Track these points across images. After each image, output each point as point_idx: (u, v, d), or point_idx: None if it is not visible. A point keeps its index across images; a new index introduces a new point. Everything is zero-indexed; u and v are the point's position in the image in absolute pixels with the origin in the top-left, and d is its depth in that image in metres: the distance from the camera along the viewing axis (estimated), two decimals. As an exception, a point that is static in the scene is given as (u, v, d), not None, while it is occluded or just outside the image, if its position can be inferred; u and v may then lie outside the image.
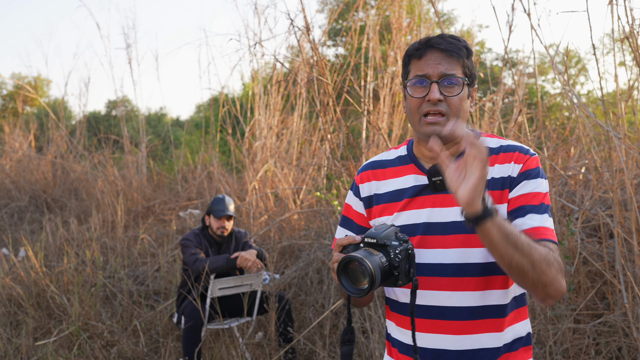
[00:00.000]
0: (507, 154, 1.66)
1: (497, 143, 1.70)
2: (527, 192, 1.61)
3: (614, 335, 3.74)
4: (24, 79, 21.16)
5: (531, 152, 1.66)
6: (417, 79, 1.65)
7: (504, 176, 1.64)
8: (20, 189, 10.85)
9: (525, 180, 1.62)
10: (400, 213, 1.71)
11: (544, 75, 13.50)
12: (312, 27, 5.01)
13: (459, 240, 1.62)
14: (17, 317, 5.35)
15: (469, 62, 1.66)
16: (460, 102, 1.64)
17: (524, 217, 1.59)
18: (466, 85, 1.65)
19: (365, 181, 1.81)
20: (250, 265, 4.36)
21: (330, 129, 5.23)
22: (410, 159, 1.76)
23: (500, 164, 1.65)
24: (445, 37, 1.65)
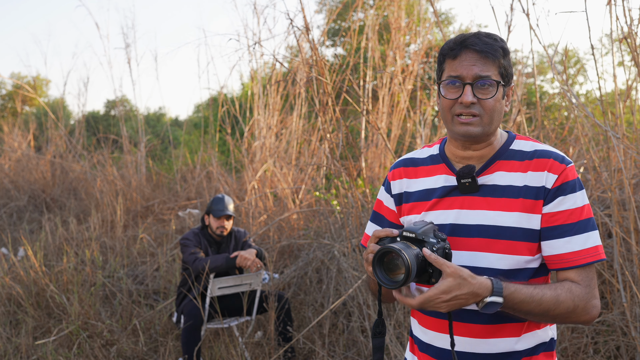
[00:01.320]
0: (541, 161, 1.62)
1: (532, 147, 1.66)
2: (565, 209, 1.58)
3: (612, 334, 3.75)
4: (23, 79, 21.15)
5: (567, 161, 1.62)
6: (450, 79, 1.62)
7: (538, 186, 1.60)
8: (19, 188, 10.85)
9: (562, 196, 1.58)
10: (427, 212, 1.70)
11: (543, 75, 13.51)
12: (311, 27, 5.03)
13: (482, 244, 1.61)
14: (17, 317, 5.35)
15: (505, 62, 1.62)
16: (495, 103, 1.60)
17: (560, 239, 1.58)
18: (501, 86, 1.61)
19: (397, 178, 1.81)
20: (250, 264, 4.37)
21: (330, 129, 5.24)
22: (441, 158, 1.75)
23: (533, 171, 1.61)
24: (481, 36, 1.61)
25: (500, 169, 1.65)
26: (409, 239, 1.54)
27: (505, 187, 1.62)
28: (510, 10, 4.51)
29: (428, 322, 1.71)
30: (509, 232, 1.59)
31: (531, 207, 1.59)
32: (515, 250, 1.59)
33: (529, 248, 1.59)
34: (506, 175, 1.64)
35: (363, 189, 5.30)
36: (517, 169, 1.63)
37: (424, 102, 7.18)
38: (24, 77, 21.92)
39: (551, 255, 1.59)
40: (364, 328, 4.47)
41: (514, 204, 1.60)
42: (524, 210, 1.59)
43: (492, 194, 1.63)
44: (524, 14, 3.98)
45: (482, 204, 1.63)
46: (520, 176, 1.62)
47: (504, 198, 1.61)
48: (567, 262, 1.57)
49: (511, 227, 1.59)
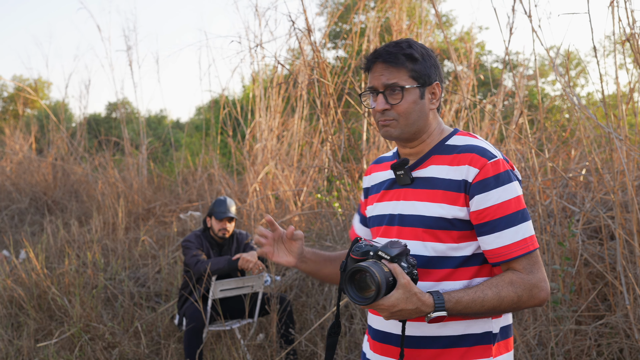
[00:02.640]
0: (465, 155, 1.71)
1: (464, 142, 1.76)
2: (491, 204, 1.66)
3: (615, 336, 3.74)
4: (24, 81, 21.17)
5: (490, 155, 1.69)
6: (367, 90, 1.79)
7: (459, 179, 1.69)
8: (20, 191, 10.85)
9: (487, 192, 1.66)
10: (377, 204, 1.88)
11: (544, 77, 13.51)
12: (313, 29, 5.03)
13: (411, 233, 1.73)
14: (19, 319, 5.35)
15: (416, 65, 1.72)
16: (408, 105, 1.72)
17: (490, 234, 1.67)
18: (416, 88, 1.72)
19: (368, 174, 1.99)
20: (252, 266, 4.36)
21: (331, 131, 5.24)
22: (394, 156, 1.91)
23: (457, 165, 1.71)
24: (389, 47, 1.74)
25: (432, 163, 1.76)
26: (383, 259, 1.61)
27: (434, 179, 1.74)
28: (512, 12, 4.51)
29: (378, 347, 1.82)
30: (430, 221, 1.70)
31: (454, 199, 1.69)
32: (438, 238, 1.70)
33: (451, 237, 1.69)
34: (436, 168, 1.74)
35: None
36: (446, 162, 1.74)
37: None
38: (25, 79, 21.94)
39: (486, 250, 1.69)
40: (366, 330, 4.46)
41: (438, 195, 1.71)
42: (446, 202, 1.69)
43: (422, 186, 1.75)
44: (526, 16, 3.98)
45: (414, 196, 1.75)
46: (447, 169, 1.73)
47: (431, 190, 1.73)
48: (500, 257, 1.67)
49: (433, 216, 1.70)
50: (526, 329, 3.90)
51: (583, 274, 4.05)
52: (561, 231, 4.09)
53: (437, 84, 1.77)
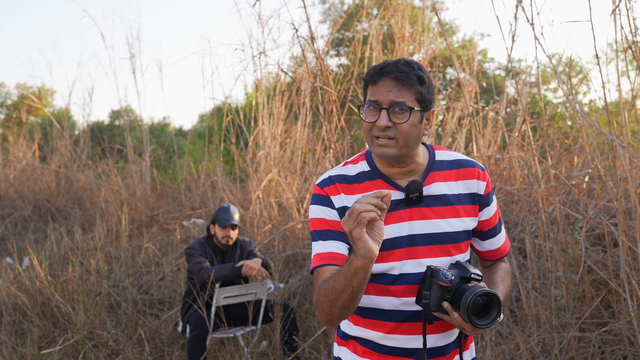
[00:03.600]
0: (469, 170, 1.84)
1: (451, 156, 1.86)
2: (495, 211, 1.90)
3: (619, 343, 3.74)
4: (28, 89, 21.25)
5: (484, 167, 1.88)
6: (369, 103, 1.73)
7: (471, 192, 1.84)
8: (24, 198, 10.87)
9: (492, 201, 1.88)
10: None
11: (547, 85, 13.52)
12: (316, 36, 5.05)
13: (438, 250, 1.78)
14: (22, 326, 5.36)
15: (422, 89, 1.71)
16: (410, 127, 1.71)
17: (496, 237, 1.93)
18: (417, 111, 1.71)
19: (336, 193, 1.80)
20: (255, 273, 4.37)
21: (334, 138, 5.26)
22: (376, 174, 1.81)
23: (464, 180, 1.84)
24: (400, 64, 1.71)
25: (435, 180, 1.81)
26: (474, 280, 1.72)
27: (446, 196, 1.81)
28: (514, 19, 4.53)
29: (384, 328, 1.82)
30: (456, 235, 1.80)
31: (470, 211, 1.83)
32: (460, 250, 1.82)
33: (467, 246, 1.86)
34: (442, 185, 1.81)
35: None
36: (448, 178, 1.82)
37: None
38: (29, 87, 22.04)
39: (490, 250, 1.94)
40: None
41: (457, 211, 1.81)
42: (466, 215, 1.82)
43: (435, 204, 1.79)
44: (529, 24, 4.00)
45: (429, 214, 1.78)
46: (455, 185, 1.82)
47: (447, 206, 1.80)
48: (502, 253, 1.97)
49: (457, 231, 1.80)
50: (530, 336, 3.90)
51: (586, 281, 4.05)
52: (564, 238, 4.09)
53: (433, 111, 1.78)
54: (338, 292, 1.63)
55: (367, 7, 7.38)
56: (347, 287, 1.61)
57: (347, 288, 1.61)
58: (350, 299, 1.63)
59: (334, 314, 1.68)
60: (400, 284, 1.76)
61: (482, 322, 1.64)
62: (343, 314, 1.68)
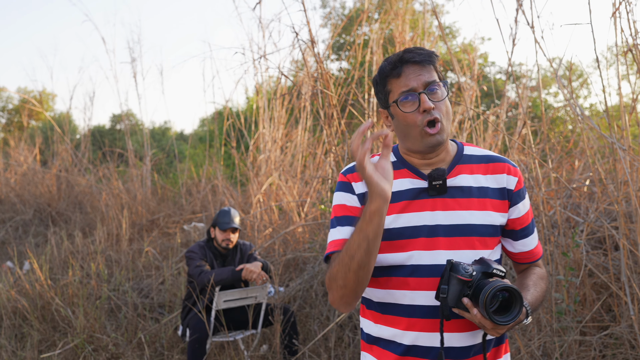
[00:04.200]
0: (499, 164, 1.79)
1: (482, 152, 1.82)
2: (527, 210, 1.81)
3: (620, 347, 3.73)
4: (29, 93, 21.27)
5: (516, 165, 1.83)
6: (404, 95, 1.69)
7: (500, 187, 1.77)
8: (25, 202, 10.88)
9: (524, 199, 1.80)
10: (399, 215, 1.71)
11: (547, 89, 13.53)
12: (316, 40, 5.05)
13: (459, 242, 1.70)
14: (22, 330, 5.35)
15: (438, 67, 1.75)
16: (446, 103, 1.71)
17: (528, 237, 1.84)
18: (445, 87, 1.72)
19: (358, 180, 1.78)
20: (255, 277, 4.36)
21: (335, 142, 5.25)
22: (402, 164, 1.79)
23: (493, 174, 1.78)
24: (414, 50, 1.71)
25: (462, 172, 1.76)
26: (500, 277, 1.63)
27: (471, 188, 1.75)
28: (514, 23, 4.53)
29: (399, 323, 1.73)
30: (482, 229, 1.72)
31: (499, 206, 1.76)
32: (486, 245, 1.73)
33: (494, 243, 1.76)
34: (469, 177, 1.76)
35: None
36: (476, 171, 1.77)
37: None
38: (30, 91, 22.06)
39: (523, 252, 1.85)
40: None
41: (484, 204, 1.74)
42: (492, 209, 1.75)
43: (461, 195, 1.73)
44: (529, 27, 3.99)
45: (454, 205, 1.72)
46: (483, 178, 1.77)
47: (473, 198, 1.74)
48: (535, 256, 1.88)
49: (484, 224, 1.73)
50: (530, 339, 3.89)
51: (587, 284, 4.04)
52: (565, 242, 4.08)
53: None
54: (353, 251, 1.55)
55: (368, 11, 7.39)
56: (362, 241, 1.53)
57: (363, 242, 1.53)
58: (366, 254, 1.54)
59: (349, 281, 1.59)
60: (419, 276, 1.69)
61: (502, 318, 1.54)
62: (359, 279, 1.58)
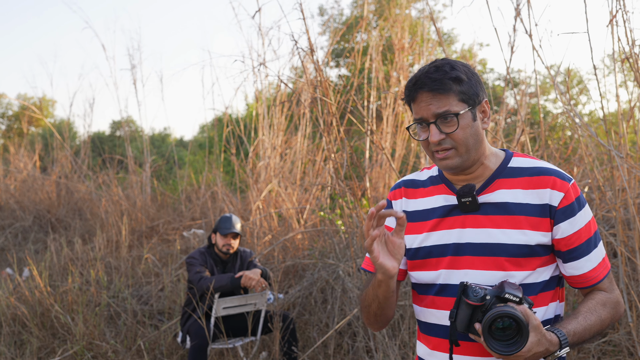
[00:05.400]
0: (544, 178, 1.63)
1: (531, 164, 1.67)
2: (578, 229, 1.62)
3: (618, 354, 3.73)
4: (29, 100, 21.31)
5: (569, 178, 1.63)
6: (416, 122, 1.68)
7: (542, 203, 1.61)
8: (24, 209, 10.88)
9: (573, 217, 1.61)
10: (430, 233, 1.72)
11: (546, 95, 13.56)
12: (315, 48, 5.07)
13: (487, 263, 1.63)
14: (22, 337, 5.35)
15: (463, 87, 1.62)
16: (464, 132, 1.62)
17: (579, 259, 1.63)
18: (468, 111, 1.62)
19: (398, 198, 1.84)
20: (255, 284, 4.36)
21: (334, 149, 5.27)
22: (441, 179, 1.77)
23: (535, 189, 1.63)
24: (430, 73, 1.61)
25: (500, 187, 1.66)
26: (510, 302, 1.51)
27: (508, 204, 1.63)
28: (513, 31, 4.55)
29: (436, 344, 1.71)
30: (514, 249, 1.60)
31: (537, 224, 1.61)
32: (520, 266, 1.61)
33: (534, 263, 1.62)
34: (507, 192, 1.65)
35: (367, 209, 5.30)
36: (517, 185, 1.64)
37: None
38: (30, 98, 22.10)
39: (574, 276, 1.65)
40: (369, 348, 4.45)
41: (519, 221, 1.61)
42: (529, 228, 1.60)
43: (494, 212, 1.64)
44: (527, 35, 4.02)
45: (485, 223, 1.64)
46: (522, 193, 1.63)
47: (508, 215, 1.62)
48: (589, 281, 1.65)
49: (516, 244, 1.60)
50: (529, 346, 3.89)
51: (586, 291, 4.04)
52: (563, 248, 4.08)
53: (485, 101, 1.68)
54: (369, 302, 1.73)
55: (367, 18, 7.42)
56: (374, 298, 1.69)
57: (375, 299, 1.69)
58: (379, 309, 1.71)
59: (369, 319, 1.79)
60: (445, 295, 1.67)
61: (499, 346, 1.45)
62: (378, 322, 1.78)
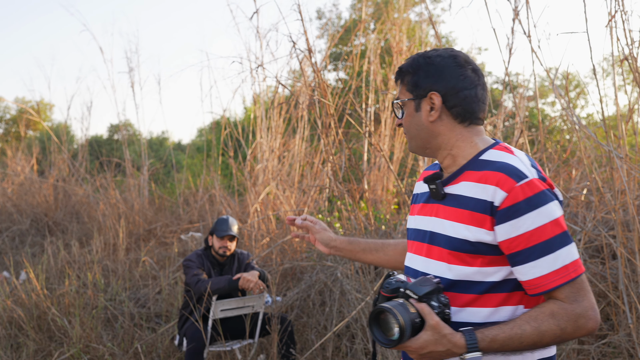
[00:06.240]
0: (493, 173, 1.55)
1: (497, 157, 1.60)
2: (523, 232, 1.50)
3: (618, 356, 3.72)
4: (27, 103, 21.29)
5: (521, 176, 1.52)
6: None
7: (485, 199, 1.54)
8: (21, 212, 10.85)
9: (517, 218, 1.50)
10: (414, 217, 1.79)
11: (544, 98, 13.57)
12: (313, 49, 5.06)
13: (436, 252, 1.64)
14: (18, 340, 5.32)
15: (416, 76, 1.67)
16: (406, 119, 1.71)
17: (524, 264, 1.51)
18: (411, 101, 1.68)
19: (419, 180, 1.91)
20: (252, 286, 4.34)
21: (332, 151, 5.26)
22: (437, 166, 1.81)
23: (484, 184, 1.56)
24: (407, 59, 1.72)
25: (465, 179, 1.62)
26: (411, 298, 1.53)
27: (462, 197, 1.60)
28: (511, 33, 4.55)
29: None
30: (457, 243, 1.58)
31: (481, 221, 1.55)
32: (464, 261, 1.57)
33: (479, 261, 1.56)
34: (468, 185, 1.60)
35: (366, 212, 5.29)
36: (476, 179, 1.59)
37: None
38: (27, 101, 22.07)
39: (523, 281, 1.54)
40: (368, 351, 4.43)
41: (466, 216, 1.58)
42: (473, 224, 1.56)
43: (452, 204, 1.63)
44: (525, 36, 4.01)
45: (444, 213, 1.64)
46: (474, 187, 1.58)
47: (459, 209, 1.60)
48: (539, 287, 1.51)
49: (459, 238, 1.58)
50: (529, 348, 3.87)
51: (585, 293, 4.02)
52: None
53: (432, 94, 1.64)
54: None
55: (365, 21, 7.42)
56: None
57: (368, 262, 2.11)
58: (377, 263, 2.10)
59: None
60: (409, 276, 1.76)
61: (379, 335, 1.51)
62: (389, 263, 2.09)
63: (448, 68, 1.64)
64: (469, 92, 1.64)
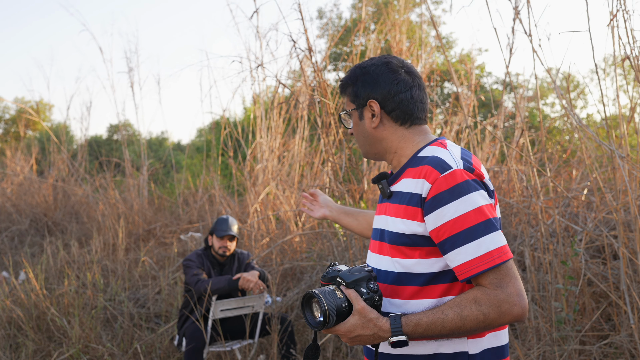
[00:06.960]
0: (422, 167, 1.62)
1: (430, 152, 1.66)
2: (447, 220, 1.56)
3: (620, 356, 3.70)
4: (26, 104, 21.28)
5: (445, 167, 1.58)
6: None
7: (416, 192, 1.61)
8: (21, 212, 10.83)
9: (440, 208, 1.56)
10: (375, 216, 1.86)
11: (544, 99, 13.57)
12: (313, 49, 5.05)
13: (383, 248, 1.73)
14: (17, 340, 5.30)
15: (355, 87, 1.76)
16: (354, 129, 1.81)
17: (450, 252, 1.56)
18: (354, 110, 1.78)
19: None
20: (252, 286, 4.33)
21: (332, 151, 5.24)
22: None
23: (414, 178, 1.64)
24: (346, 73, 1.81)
25: (405, 176, 1.70)
26: (341, 285, 1.62)
27: (403, 193, 1.68)
28: (512, 32, 4.54)
29: None
30: (395, 237, 1.66)
31: (413, 214, 1.62)
32: (404, 254, 1.65)
33: (417, 253, 1.63)
34: (407, 182, 1.68)
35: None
36: (412, 175, 1.66)
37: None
38: (27, 101, 22.06)
39: (452, 268, 1.59)
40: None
41: (402, 210, 1.65)
42: (407, 217, 1.63)
43: (394, 200, 1.71)
44: (526, 36, 4.00)
45: (390, 210, 1.71)
46: (409, 182, 1.66)
47: (398, 204, 1.68)
48: (464, 273, 1.55)
49: (396, 232, 1.66)
50: (530, 349, 3.87)
51: (587, 293, 4.02)
52: (564, 250, 4.07)
53: (371, 101, 1.72)
54: None
55: (365, 21, 7.41)
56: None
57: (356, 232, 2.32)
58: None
59: None
60: None
61: (310, 318, 1.62)
62: None
63: (382, 75, 1.73)
64: (404, 94, 1.72)
